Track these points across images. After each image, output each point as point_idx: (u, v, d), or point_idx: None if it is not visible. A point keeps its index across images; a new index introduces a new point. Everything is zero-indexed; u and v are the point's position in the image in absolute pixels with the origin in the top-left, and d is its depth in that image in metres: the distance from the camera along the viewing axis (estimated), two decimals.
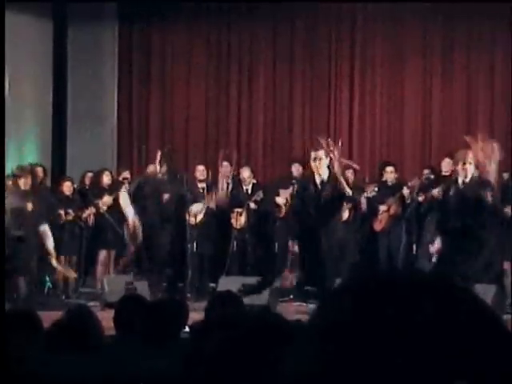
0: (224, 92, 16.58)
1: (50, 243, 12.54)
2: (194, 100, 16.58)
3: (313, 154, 11.96)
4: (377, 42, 15.94)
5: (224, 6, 15.69)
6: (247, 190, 13.93)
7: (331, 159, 11.70)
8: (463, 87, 15.61)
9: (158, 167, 13.06)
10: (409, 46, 15.75)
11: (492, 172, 11.54)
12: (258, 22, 16.27)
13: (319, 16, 15.90)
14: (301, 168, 13.54)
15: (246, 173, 14.06)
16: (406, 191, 13.20)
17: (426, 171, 13.60)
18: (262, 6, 15.63)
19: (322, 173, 11.81)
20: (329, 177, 11.87)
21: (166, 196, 13.52)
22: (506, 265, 12.57)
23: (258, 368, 2.50)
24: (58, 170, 15.62)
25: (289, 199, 13.41)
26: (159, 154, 13.09)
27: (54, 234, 12.81)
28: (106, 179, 13.82)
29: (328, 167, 11.94)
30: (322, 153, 11.84)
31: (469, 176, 11.77)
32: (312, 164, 11.85)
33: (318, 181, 11.85)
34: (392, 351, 1.05)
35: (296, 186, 12.63)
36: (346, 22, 16.01)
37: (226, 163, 14.26)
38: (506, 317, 9.82)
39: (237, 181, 14.06)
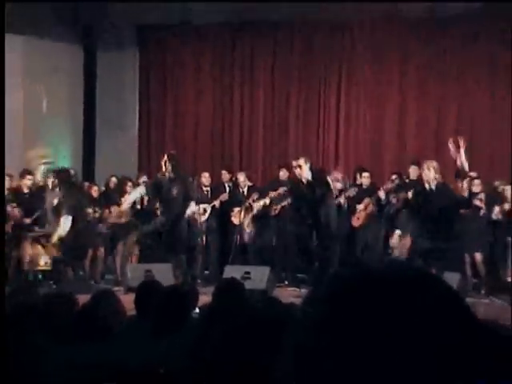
0: (228, 106, 16.62)
1: (62, 230, 12.45)
2: (202, 112, 16.64)
3: (294, 163, 12.04)
4: (361, 65, 15.91)
5: (228, 28, 15.65)
6: (243, 191, 13.98)
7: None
8: (433, 109, 15.66)
9: (164, 168, 13.02)
10: (388, 71, 15.76)
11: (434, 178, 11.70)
12: (259, 43, 16.25)
13: (313, 39, 15.87)
14: (287, 172, 13.58)
15: (241, 177, 14.13)
16: (381, 193, 13.22)
17: (393, 176, 13.60)
18: (262, 29, 15.61)
19: (305, 176, 11.85)
20: (312, 178, 11.91)
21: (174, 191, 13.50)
22: (468, 257, 12.64)
23: (259, 348, 2.51)
24: (88, 173, 15.64)
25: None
26: (165, 157, 13.10)
27: (84, 230, 12.87)
28: (129, 189, 13.87)
29: (310, 170, 11.99)
30: (302, 160, 11.89)
31: (432, 182, 11.85)
32: (295, 171, 11.93)
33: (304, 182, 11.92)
34: (376, 333, 1.05)
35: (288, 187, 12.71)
36: (336, 46, 15.97)
37: (224, 171, 14.36)
38: (468, 300, 9.81)
39: (235, 184, 14.16)
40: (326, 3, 14.01)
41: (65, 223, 12.33)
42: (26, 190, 12.86)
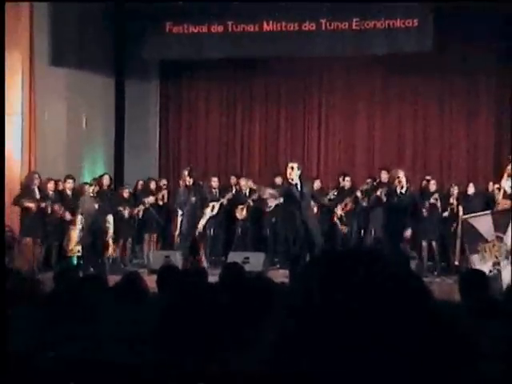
0: (231, 125, 16.62)
1: (111, 228, 12.70)
2: (211, 132, 16.63)
3: (289, 164, 11.68)
4: (336, 93, 16.00)
5: (231, 63, 15.58)
6: (245, 193, 14.00)
7: None
8: (394, 126, 15.77)
9: (188, 179, 13.13)
10: (358, 96, 15.84)
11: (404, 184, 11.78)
12: (256, 75, 16.25)
13: (299, 72, 15.90)
14: (281, 179, 13.52)
15: (243, 181, 14.20)
16: (358, 194, 13.22)
17: (368, 180, 13.62)
18: (258, 63, 15.58)
19: (294, 178, 11.37)
20: (300, 182, 11.52)
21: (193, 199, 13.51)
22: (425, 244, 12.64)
23: (254, 314, 2.52)
24: (119, 179, 15.62)
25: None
26: (188, 171, 13.19)
27: (115, 224, 12.90)
28: (152, 185, 13.95)
29: (299, 177, 11.61)
30: (295, 164, 11.56)
31: (404, 185, 11.87)
32: (287, 171, 11.54)
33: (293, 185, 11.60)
34: (348, 302, 1.03)
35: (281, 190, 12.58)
36: (317, 78, 16.07)
37: (232, 176, 14.41)
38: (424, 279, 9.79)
39: (239, 187, 14.18)
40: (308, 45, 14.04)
41: (110, 223, 12.72)
42: (68, 192, 12.92)
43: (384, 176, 13.05)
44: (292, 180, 11.05)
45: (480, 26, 14.01)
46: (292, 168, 11.30)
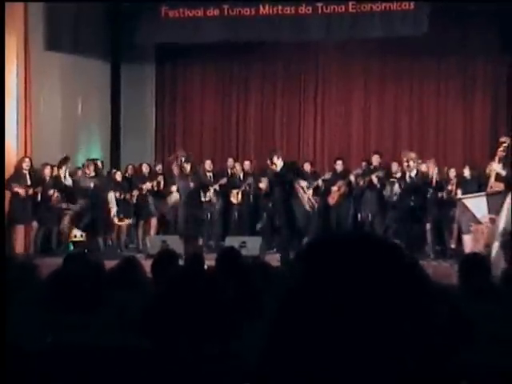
0: (227, 113, 16.57)
1: (114, 207, 12.78)
2: (207, 116, 16.60)
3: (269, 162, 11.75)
4: (332, 78, 15.99)
5: (227, 47, 15.47)
6: (239, 177, 14.01)
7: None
8: (390, 110, 15.76)
9: (185, 165, 13.33)
10: (354, 81, 15.83)
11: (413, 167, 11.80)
12: (252, 59, 16.17)
13: (295, 57, 15.87)
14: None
15: (238, 166, 14.29)
16: (351, 177, 13.25)
17: (363, 163, 13.64)
18: (254, 47, 15.44)
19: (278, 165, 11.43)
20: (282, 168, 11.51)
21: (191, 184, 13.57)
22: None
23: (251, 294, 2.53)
24: (115, 164, 15.61)
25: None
26: (185, 157, 13.32)
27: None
28: (145, 169, 13.96)
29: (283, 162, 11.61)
30: (275, 158, 11.57)
31: (413, 171, 11.88)
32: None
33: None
34: (344, 286, 1.03)
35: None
36: (311, 64, 16.02)
37: (230, 159, 14.46)
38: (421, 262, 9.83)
39: (234, 170, 14.21)
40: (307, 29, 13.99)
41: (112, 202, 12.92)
42: (62, 178, 12.93)
43: (376, 160, 13.10)
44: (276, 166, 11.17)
45: (475, 8, 13.96)
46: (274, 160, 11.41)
